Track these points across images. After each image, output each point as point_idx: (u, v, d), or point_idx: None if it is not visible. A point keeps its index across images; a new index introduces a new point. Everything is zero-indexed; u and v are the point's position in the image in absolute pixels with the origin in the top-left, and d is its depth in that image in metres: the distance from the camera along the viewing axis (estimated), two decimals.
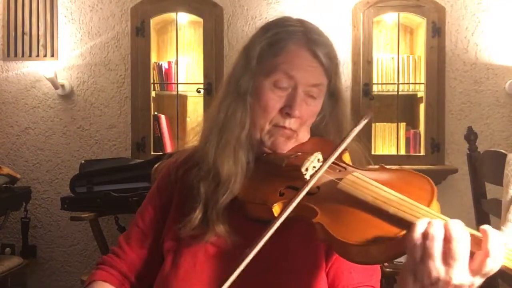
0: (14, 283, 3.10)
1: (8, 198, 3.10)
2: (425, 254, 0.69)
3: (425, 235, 0.69)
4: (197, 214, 0.97)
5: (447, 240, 0.68)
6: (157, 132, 3.35)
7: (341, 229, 0.77)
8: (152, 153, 3.32)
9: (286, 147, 1.02)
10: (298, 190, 0.88)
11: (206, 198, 0.98)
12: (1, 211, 3.13)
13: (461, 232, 0.69)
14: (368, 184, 0.82)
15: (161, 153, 3.20)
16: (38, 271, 3.52)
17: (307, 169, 0.91)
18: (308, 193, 0.87)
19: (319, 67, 0.99)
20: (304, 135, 1.04)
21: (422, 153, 3.27)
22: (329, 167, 0.93)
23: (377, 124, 3.32)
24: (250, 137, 1.01)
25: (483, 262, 0.68)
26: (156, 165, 1.12)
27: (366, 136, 3.20)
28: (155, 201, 1.10)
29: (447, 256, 0.68)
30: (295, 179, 0.91)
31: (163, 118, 3.38)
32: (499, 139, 3.31)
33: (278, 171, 0.96)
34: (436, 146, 3.23)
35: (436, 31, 3.22)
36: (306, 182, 0.87)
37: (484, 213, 2.34)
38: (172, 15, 3.40)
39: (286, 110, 0.98)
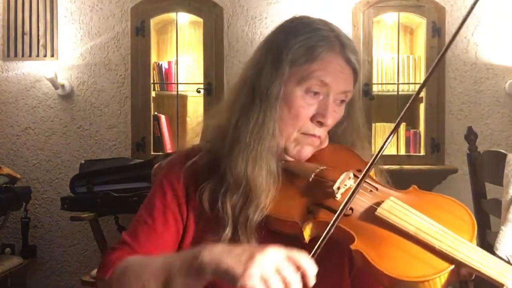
0: (14, 283, 3.10)
1: (8, 198, 3.09)
2: None
3: None
4: (227, 234, 0.91)
5: None
6: (157, 132, 3.35)
7: (383, 261, 0.74)
8: (152, 153, 3.32)
9: (310, 154, 0.98)
10: (328, 209, 0.84)
11: (234, 214, 0.91)
12: (1, 211, 3.12)
13: None
14: (408, 211, 0.79)
15: (161, 153, 3.20)
16: (38, 271, 3.52)
17: (339, 188, 0.87)
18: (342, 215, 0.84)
19: (351, 73, 0.97)
20: (325, 141, 1.01)
21: (422, 153, 3.26)
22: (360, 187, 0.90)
23: (377, 124, 3.32)
24: (276, 145, 0.96)
25: None
26: (155, 166, 1.09)
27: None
28: (164, 199, 1.00)
29: None
30: (324, 197, 0.87)
31: (163, 118, 3.38)
32: (499, 139, 3.31)
33: (304, 185, 0.92)
34: (436, 146, 3.23)
35: (436, 31, 3.22)
36: (342, 205, 0.82)
37: (484, 213, 2.33)
38: (172, 15, 3.39)
39: (319, 119, 0.95)
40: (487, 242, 2.27)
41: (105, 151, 3.48)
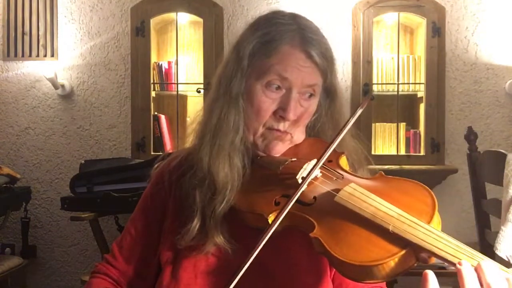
0: (14, 283, 3.11)
1: (8, 198, 3.10)
2: None
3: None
4: (195, 224, 0.92)
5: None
6: (157, 132, 3.35)
7: (339, 247, 0.74)
8: (152, 153, 3.32)
9: (281, 149, 0.98)
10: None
11: (203, 206, 0.93)
12: (1, 211, 3.12)
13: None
14: (366, 197, 0.79)
15: (161, 153, 3.20)
16: (38, 271, 3.53)
17: (303, 178, 0.87)
18: (304, 204, 0.85)
19: (314, 67, 0.95)
20: (299, 137, 1.00)
21: (422, 153, 3.26)
22: (326, 176, 0.90)
23: (377, 124, 3.32)
24: (244, 140, 0.97)
25: None
26: (155, 165, 1.10)
27: (366, 136, 3.20)
28: (147, 209, 1.06)
29: None
30: (290, 188, 0.87)
31: (163, 118, 3.38)
32: (499, 139, 3.31)
33: (273, 178, 0.93)
34: (436, 146, 3.23)
35: (436, 31, 3.22)
36: (297, 189, 0.84)
37: (484, 213, 2.34)
38: (172, 15, 3.40)
39: (280, 114, 0.95)
40: (487, 242, 2.27)
41: (105, 151, 3.48)
